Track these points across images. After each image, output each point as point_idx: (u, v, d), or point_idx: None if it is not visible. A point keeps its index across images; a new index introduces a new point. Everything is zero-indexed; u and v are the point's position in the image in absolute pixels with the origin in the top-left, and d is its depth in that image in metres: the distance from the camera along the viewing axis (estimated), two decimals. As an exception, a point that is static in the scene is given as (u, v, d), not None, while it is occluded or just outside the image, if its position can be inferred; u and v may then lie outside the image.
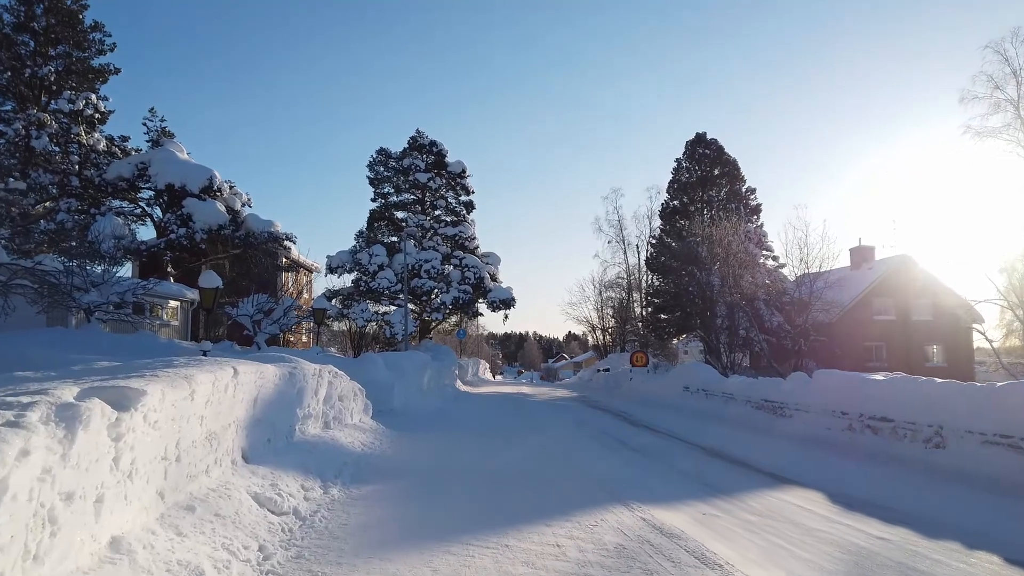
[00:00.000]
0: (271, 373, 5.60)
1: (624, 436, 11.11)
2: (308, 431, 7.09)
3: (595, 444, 9.85)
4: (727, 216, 28.81)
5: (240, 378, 4.62)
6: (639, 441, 10.45)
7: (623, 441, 10.40)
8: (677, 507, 5.60)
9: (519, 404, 18.45)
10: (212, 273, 9.12)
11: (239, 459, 4.83)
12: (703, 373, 20.41)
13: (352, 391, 9.01)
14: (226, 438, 4.46)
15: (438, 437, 9.62)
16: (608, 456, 8.54)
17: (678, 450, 9.63)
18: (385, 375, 13.33)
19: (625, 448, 9.61)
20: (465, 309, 25.58)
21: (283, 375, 6.03)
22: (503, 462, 7.51)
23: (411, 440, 9.15)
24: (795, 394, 14.38)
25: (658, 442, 10.51)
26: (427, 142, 26.74)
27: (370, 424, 9.56)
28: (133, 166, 25.06)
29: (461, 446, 8.76)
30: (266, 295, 16.45)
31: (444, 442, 9.10)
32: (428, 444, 8.88)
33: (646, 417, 15.28)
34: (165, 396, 3.15)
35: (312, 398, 7.19)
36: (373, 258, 23.65)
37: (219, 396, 4.14)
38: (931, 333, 32.93)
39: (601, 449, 9.19)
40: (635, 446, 9.79)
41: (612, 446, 9.69)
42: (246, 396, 4.93)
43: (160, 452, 3.22)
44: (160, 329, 20.46)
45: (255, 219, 25.35)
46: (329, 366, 8.49)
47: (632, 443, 10.15)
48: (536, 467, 7.26)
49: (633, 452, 9.16)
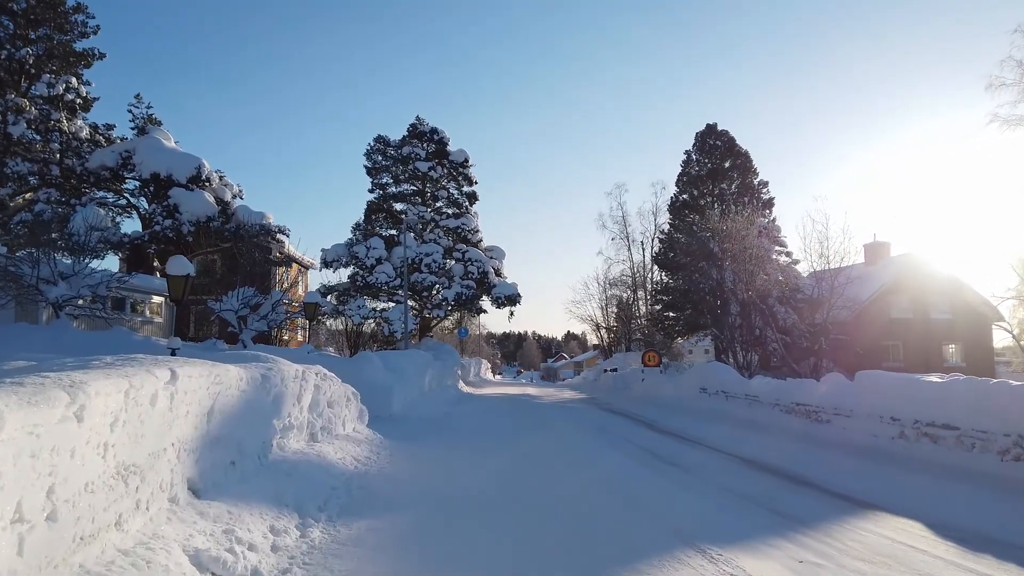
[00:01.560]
0: (235, 377, 4.30)
1: (654, 446, 9.84)
2: (289, 446, 5.81)
3: (626, 458, 8.57)
4: (739, 210, 27.54)
5: (182, 384, 3.33)
6: (673, 453, 9.18)
7: (655, 452, 9.13)
8: (763, 550, 4.33)
9: (528, 407, 17.17)
10: (182, 259, 7.85)
11: (183, 495, 3.54)
12: (722, 374, 19.16)
13: (344, 396, 7.72)
14: (158, 469, 3.16)
15: (445, 449, 8.33)
16: (648, 475, 7.25)
17: (721, 464, 8.37)
18: (383, 377, 12.05)
19: (660, 461, 8.34)
20: (468, 306, 24.24)
21: (252, 379, 4.74)
22: (527, 485, 6.23)
23: (414, 453, 7.86)
24: (833, 397, 13.16)
25: (694, 454, 9.24)
26: (428, 129, 25.36)
27: (366, 434, 8.27)
28: (117, 155, 23.72)
29: (473, 461, 7.47)
30: (253, 288, 15.15)
31: (452, 456, 7.80)
32: (434, 458, 7.59)
33: (667, 422, 14.03)
34: (6, 422, 1.85)
35: (294, 406, 5.90)
36: (371, 251, 22.29)
37: (140, 412, 2.84)
38: (950, 331, 31.78)
39: (637, 466, 7.91)
40: (671, 459, 8.52)
41: (646, 460, 8.41)
42: (195, 408, 3.64)
43: (5, 511, 1.93)
44: (142, 326, 19.15)
45: (246, 211, 24.03)
46: (317, 367, 7.20)
47: (666, 455, 8.88)
48: (568, 492, 5.98)
49: (672, 467, 7.89)
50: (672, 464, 8.13)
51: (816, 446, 10.61)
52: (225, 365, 4.26)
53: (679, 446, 10.04)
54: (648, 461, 8.30)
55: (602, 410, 17.00)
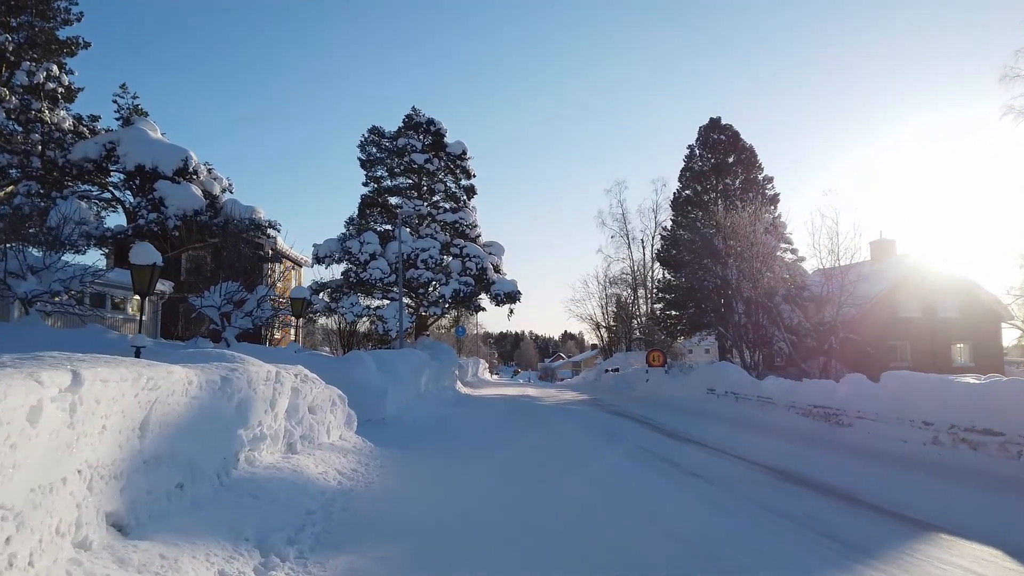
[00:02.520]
0: (179, 381, 3.46)
1: (671, 454, 9.02)
2: (260, 460, 4.97)
3: (644, 470, 7.74)
4: (744, 205, 26.77)
5: (90, 391, 2.49)
6: (693, 462, 8.36)
7: (673, 461, 8.32)
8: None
9: (529, 410, 16.35)
10: (147, 246, 7.00)
11: (99, 536, 2.69)
12: (732, 374, 18.41)
13: (329, 400, 6.87)
14: (52, 508, 2.32)
15: (443, 458, 7.50)
16: (672, 490, 6.43)
17: (746, 474, 7.56)
18: (376, 378, 11.20)
19: (680, 472, 7.53)
20: (466, 303, 23.34)
21: (208, 383, 3.89)
22: (540, 505, 5.39)
23: (408, 464, 7.03)
24: (854, 400, 12.40)
25: (715, 462, 8.43)
26: (424, 120, 24.42)
27: (354, 441, 7.43)
28: (101, 146, 22.79)
29: (475, 475, 6.63)
30: (237, 283, 14.29)
31: (452, 468, 6.97)
32: (430, 470, 6.76)
33: (678, 425, 13.23)
34: None
35: (266, 413, 5.05)
36: (364, 246, 21.37)
37: (8, 433, 2.00)
38: (958, 331, 31.11)
39: (658, 479, 7.08)
40: (693, 469, 7.70)
41: (666, 472, 7.59)
42: (116, 421, 2.79)
43: None
44: (123, 324, 18.22)
45: (235, 205, 23.13)
46: (297, 368, 6.36)
47: (686, 465, 8.06)
48: (587, 514, 5.15)
49: (696, 480, 7.07)
50: (694, 475, 7.31)
51: (842, 452, 9.85)
52: (168, 366, 3.41)
53: (697, 453, 9.24)
54: (668, 472, 7.48)
55: (607, 412, 16.18)
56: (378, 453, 7.35)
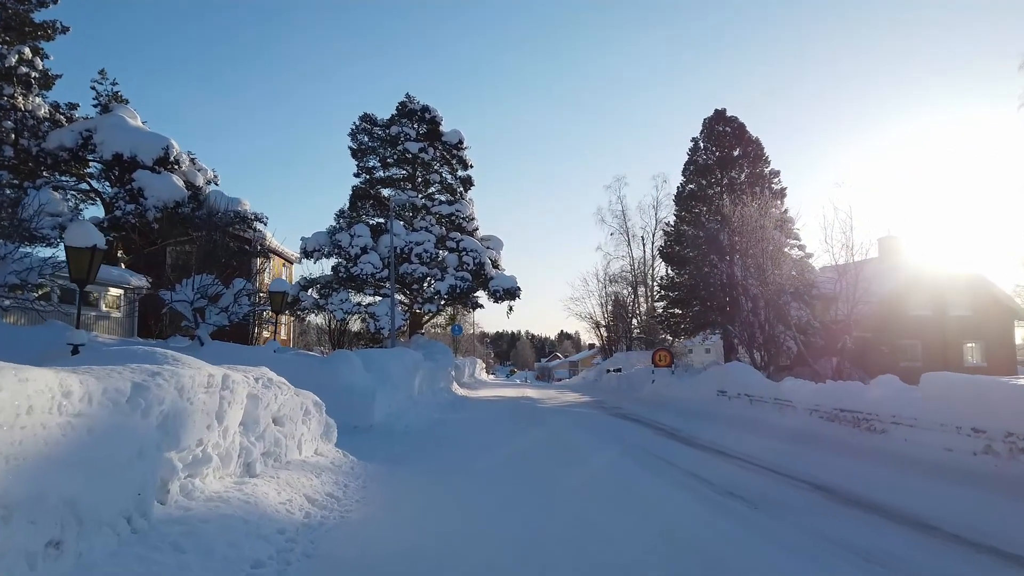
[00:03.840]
0: (44, 393, 2.35)
1: (696, 467, 7.95)
2: (203, 489, 3.87)
3: (673, 488, 6.66)
4: (750, 200, 25.76)
5: None
6: (724, 476, 7.29)
7: (700, 476, 7.24)
8: None
9: (531, 413, 15.26)
10: (88, 225, 5.90)
11: None
12: (744, 375, 17.36)
13: (301, 408, 5.76)
14: None
15: (439, 477, 6.39)
16: (711, 517, 5.34)
17: (790, 494, 6.50)
18: (363, 379, 10.10)
19: (712, 490, 6.45)
20: (463, 299, 22.18)
21: (104, 394, 2.78)
22: (559, 543, 4.30)
23: (396, 483, 5.93)
24: (888, 403, 11.37)
25: (747, 477, 7.36)
26: (418, 108, 23.18)
27: (332, 456, 6.32)
28: (77, 134, 21.55)
29: (477, 500, 5.53)
30: (212, 276, 13.15)
31: (449, 490, 5.86)
32: (423, 492, 5.65)
33: (693, 431, 12.19)
34: None
35: (209, 428, 3.95)
36: (355, 239, 20.18)
37: None
38: (969, 329, 30.23)
39: (693, 502, 5.98)
40: (728, 487, 6.62)
41: (696, 489, 6.51)
42: None
43: None
44: (96, 322, 17.04)
45: (219, 197, 21.95)
46: (261, 370, 5.26)
47: (718, 480, 6.99)
48: (619, 555, 4.07)
49: (736, 502, 5.99)
50: (731, 495, 6.24)
51: (881, 463, 8.81)
52: (23, 370, 2.30)
53: (724, 465, 8.17)
54: (701, 492, 6.40)
55: (614, 416, 15.12)
56: (361, 470, 6.25)
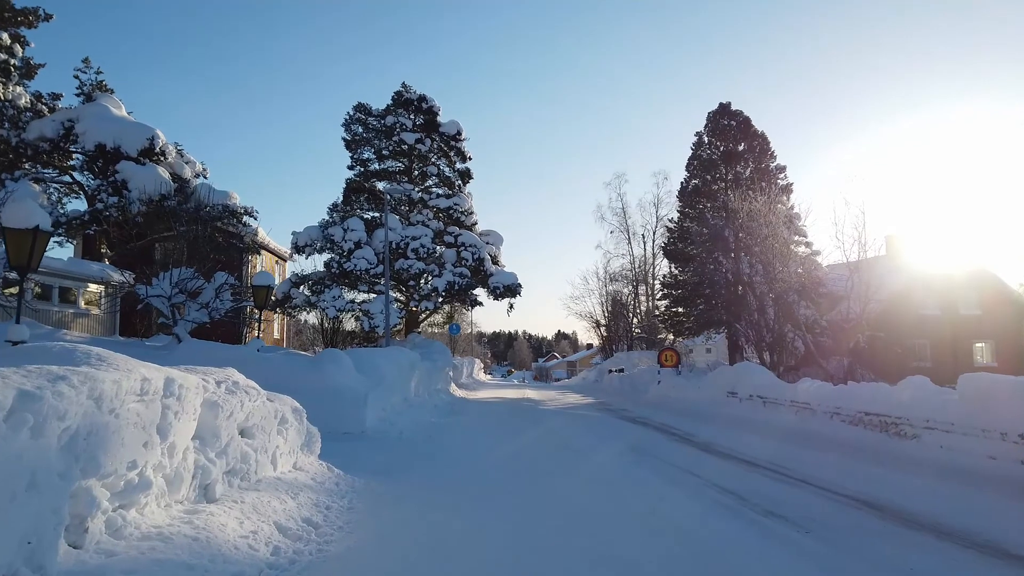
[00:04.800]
0: None
1: (724, 479, 7.11)
2: (139, 524, 3.03)
3: (705, 508, 5.85)
4: (756, 195, 25.02)
5: None
6: (760, 491, 6.47)
7: (733, 491, 6.42)
8: None
9: (535, 416, 14.43)
10: (28, 204, 5.02)
11: None
12: (757, 376, 16.58)
13: (275, 416, 4.91)
14: None
15: (436, 495, 5.55)
16: (762, 546, 4.52)
17: (838, 513, 5.68)
18: (354, 381, 9.25)
19: (752, 510, 5.63)
20: (461, 297, 21.29)
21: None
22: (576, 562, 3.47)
23: (387, 506, 5.08)
24: (919, 407, 10.61)
25: (786, 492, 6.54)
26: (415, 97, 22.23)
27: (314, 471, 5.47)
28: (58, 124, 20.57)
29: (481, 521, 4.69)
30: (192, 269, 12.29)
31: (449, 512, 5.01)
32: (418, 519, 4.80)
33: (709, 436, 11.38)
34: None
35: (147, 446, 3.10)
36: (348, 233, 19.27)
37: None
38: (979, 328, 29.60)
39: (739, 529, 5.16)
40: (767, 505, 5.80)
41: (734, 509, 5.69)
42: None
43: None
44: (73, 320, 16.14)
45: (207, 190, 21.02)
46: (227, 371, 4.42)
47: (754, 497, 6.17)
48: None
49: (780, 523, 5.17)
50: (774, 515, 5.43)
51: (920, 472, 8.03)
52: None
53: (755, 478, 7.33)
54: (741, 513, 5.57)
55: (622, 419, 14.30)
56: (347, 486, 5.40)
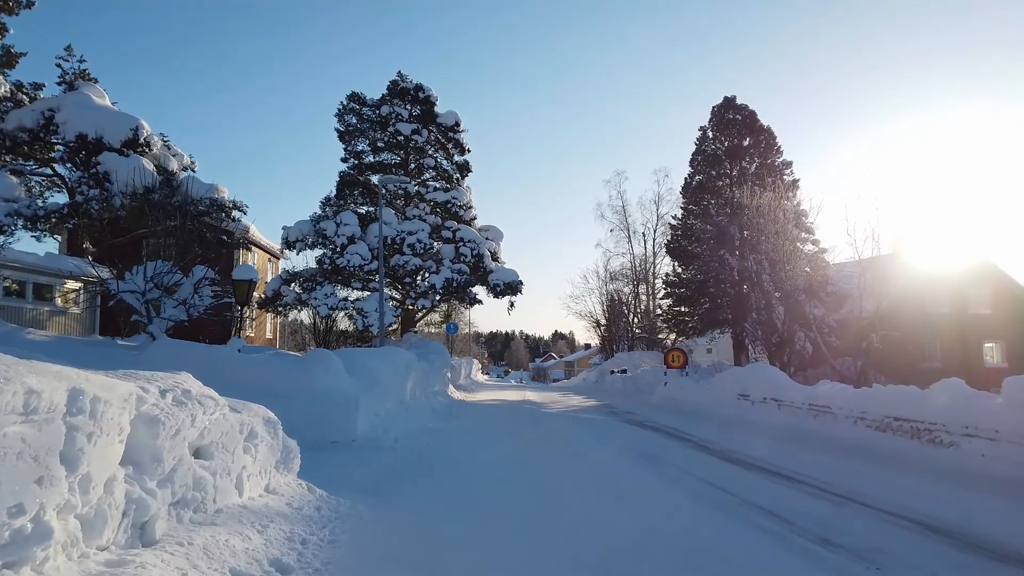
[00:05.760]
0: None
1: (756, 494, 6.30)
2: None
3: (749, 535, 5.03)
4: (762, 191, 24.32)
5: None
6: (802, 511, 5.66)
7: (769, 509, 5.61)
8: None
9: (539, 421, 13.61)
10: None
11: None
12: (770, 378, 15.78)
13: (241, 430, 4.07)
14: None
15: (438, 523, 4.71)
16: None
17: (906, 541, 4.88)
18: (344, 384, 8.41)
19: (801, 535, 4.82)
20: (460, 294, 20.40)
21: None
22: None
23: (377, 540, 4.24)
24: (956, 412, 9.82)
25: (827, 510, 5.74)
26: (411, 87, 21.30)
27: (290, 493, 4.63)
28: (38, 114, 19.65)
29: (492, 559, 3.86)
30: (169, 263, 11.43)
31: (454, 548, 4.17)
32: (415, 556, 3.97)
33: (726, 442, 10.59)
34: None
35: (47, 483, 2.28)
36: (341, 228, 18.33)
37: None
38: (990, 328, 28.92)
39: (782, 557, 4.35)
40: (821, 532, 4.99)
41: (779, 533, 4.88)
42: None
43: None
44: (49, 319, 15.24)
45: (193, 183, 20.12)
46: (179, 377, 3.58)
47: (798, 519, 5.36)
48: None
49: (838, 553, 4.36)
50: (829, 544, 4.62)
51: (967, 486, 7.25)
52: None
53: (790, 493, 6.52)
54: (793, 543, 4.76)
55: (629, 423, 13.49)
56: (330, 512, 4.56)
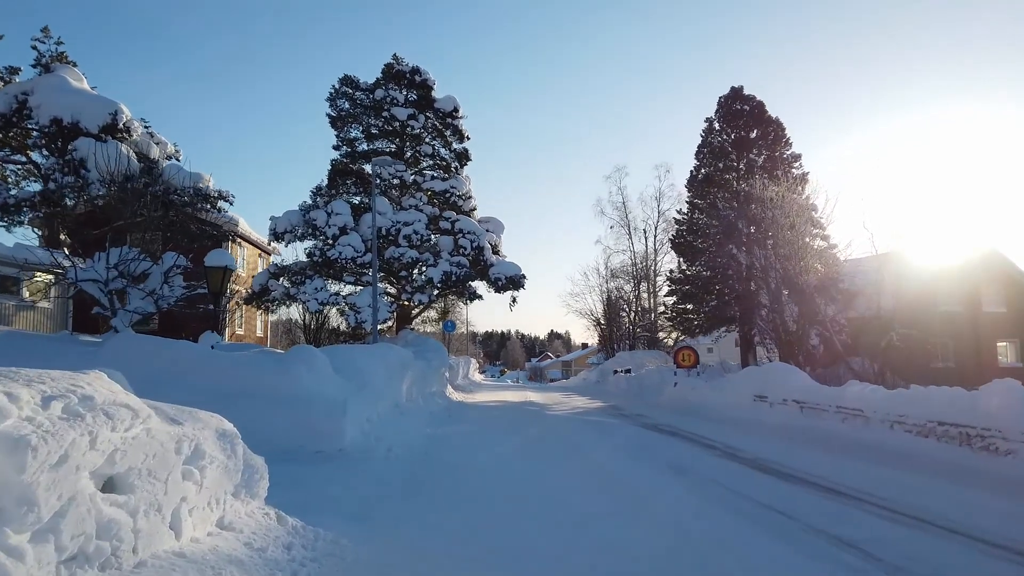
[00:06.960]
0: None
1: (807, 514, 5.29)
2: None
3: (806, 558, 4.02)
4: (771, 184, 23.44)
5: None
6: (860, 534, 4.65)
7: (822, 528, 4.60)
8: None
9: (546, 425, 12.58)
10: None
11: None
12: (791, 378, 14.81)
13: (176, 450, 3.01)
14: None
15: (435, 564, 3.69)
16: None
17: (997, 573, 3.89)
18: (330, 385, 7.36)
19: (870, 562, 3.82)
20: (458, 289, 19.34)
21: None
22: None
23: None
24: (1014, 416, 8.92)
25: (892, 531, 4.73)
26: (407, 70, 20.15)
27: (253, 526, 3.59)
28: (11, 97, 18.52)
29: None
30: (137, 250, 10.34)
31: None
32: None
33: (754, 449, 9.59)
34: None
35: None
36: (333, 218, 17.22)
37: None
38: (1004, 326, 28.09)
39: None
40: (886, 555, 3.98)
41: (853, 565, 3.87)
42: None
43: None
44: (16, 313, 14.12)
45: (176, 171, 19.01)
46: (88, 376, 2.52)
47: (858, 539, 4.35)
48: None
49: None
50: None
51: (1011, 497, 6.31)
52: None
53: (853, 514, 5.50)
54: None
55: (642, 427, 12.49)
56: (304, 551, 3.53)
